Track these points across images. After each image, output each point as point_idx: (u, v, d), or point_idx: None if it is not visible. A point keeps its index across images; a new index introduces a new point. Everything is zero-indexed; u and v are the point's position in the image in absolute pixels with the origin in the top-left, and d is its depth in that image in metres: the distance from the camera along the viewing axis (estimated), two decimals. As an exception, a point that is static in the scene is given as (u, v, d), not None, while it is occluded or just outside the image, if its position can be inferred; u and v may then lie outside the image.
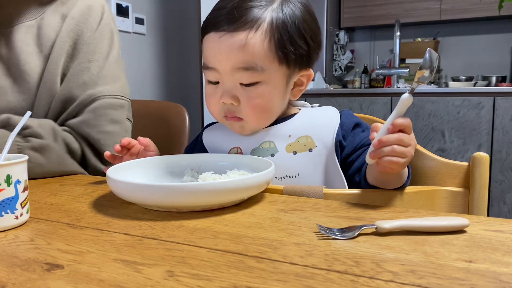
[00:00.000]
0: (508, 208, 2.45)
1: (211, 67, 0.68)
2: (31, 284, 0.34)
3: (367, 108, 2.69)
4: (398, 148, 0.55)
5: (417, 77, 0.55)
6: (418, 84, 0.55)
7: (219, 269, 0.36)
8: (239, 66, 0.66)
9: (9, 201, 0.47)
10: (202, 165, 0.70)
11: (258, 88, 0.67)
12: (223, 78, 0.68)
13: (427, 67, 0.53)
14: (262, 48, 0.65)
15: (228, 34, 0.65)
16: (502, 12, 2.64)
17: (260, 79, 0.67)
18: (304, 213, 0.52)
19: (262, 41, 0.65)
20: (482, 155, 0.69)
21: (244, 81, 0.67)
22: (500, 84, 2.85)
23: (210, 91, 0.71)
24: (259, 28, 0.65)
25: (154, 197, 0.52)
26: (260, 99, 0.68)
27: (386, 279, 0.34)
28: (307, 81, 0.74)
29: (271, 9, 0.66)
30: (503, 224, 0.47)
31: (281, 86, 0.69)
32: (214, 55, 0.68)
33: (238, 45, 0.65)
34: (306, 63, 0.71)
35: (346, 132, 0.71)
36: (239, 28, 0.65)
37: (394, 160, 0.55)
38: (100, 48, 0.86)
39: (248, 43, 0.65)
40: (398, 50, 2.93)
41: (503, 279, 0.34)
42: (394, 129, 0.55)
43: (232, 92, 0.68)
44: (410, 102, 0.55)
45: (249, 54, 0.65)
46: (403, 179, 0.64)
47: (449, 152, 2.52)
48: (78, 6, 0.86)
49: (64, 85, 0.83)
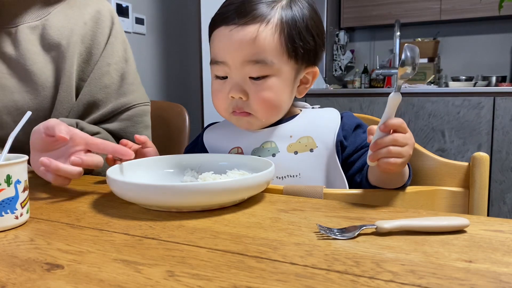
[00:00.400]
0: (508, 208, 2.45)
1: (220, 61, 0.69)
2: (31, 284, 0.34)
3: (367, 108, 2.69)
4: (394, 148, 0.55)
5: (400, 74, 0.55)
6: (402, 81, 0.55)
7: (219, 269, 0.36)
8: (249, 59, 0.66)
9: (9, 201, 0.47)
10: (202, 165, 0.70)
11: (267, 82, 0.68)
12: (232, 72, 0.68)
13: (409, 63, 0.53)
14: (272, 42, 0.66)
15: (238, 27, 0.66)
16: (502, 12, 2.64)
17: (269, 72, 0.67)
18: (304, 213, 0.52)
19: (272, 35, 0.66)
20: (482, 155, 0.69)
21: (254, 74, 0.67)
22: (500, 84, 2.85)
23: (217, 87, 0.71)
24: (269, 22, 0.66)
25: (154, 197, 0.52)
26: (269, 93, 0.68)
27: (386, 279, 0.34)
28: (313, 78, 0.74)
29: (280, 6, 0.68)
30: (503, 224, 0.47)
31: (290, 81, 0.70)
32: (224, 48, 0.68)
33: (249, 38, 0.66)
34: (312, 60, 0.72)
35: (348, 132, 0.72)
36: (250, 21, 0.66)
37: (391, 161, 0.56)
38: (117, 52, 0.88)
39: (259, 36, 0.66)
40: (398, 50, 2.93)
41: (503, 279, 0.34)
42: (385, 129, 0.55)
43: (241, 86, 0.68)
44: (398, 101, 0.56)
45: (259, 47, 0.66)
46: (404, 179, 0.64)
47: (449, 152, 2.52)
48: (88, 11, 0.87)
49: (86, 89, 0.85)
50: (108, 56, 0.87)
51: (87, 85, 0.85)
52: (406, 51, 0.53)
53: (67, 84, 0.83)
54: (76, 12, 0.87)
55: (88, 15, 0.87)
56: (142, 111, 0.90)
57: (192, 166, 0.70)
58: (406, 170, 0.63)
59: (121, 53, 0.89)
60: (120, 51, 0.89)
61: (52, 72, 0.83)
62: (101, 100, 0.86)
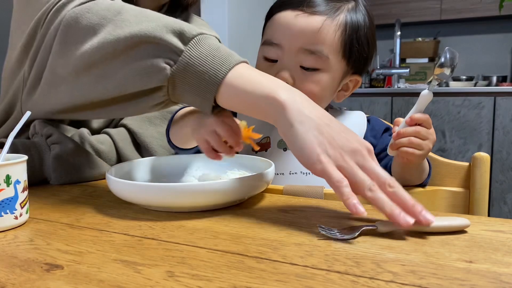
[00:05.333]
0: (508, 208, 2.45)
1: (275, 43, 0.69)
2: (31, 285, 0.34)
3: (367, 108, 2.69)
4: (415, 139, 0.59)
5: (436, 74, 0.56)
6: (438, 81, 0.57)
7: (219, 269, 0.36)
8: (306, 48, 0.67)
9: (9, 201, 0.47)
10: (202, 165, 0.70)
11: (317, 75, 0.68)
12: (285, 56, 0.69)
13: (448, 65, 0.55)
14: (333, 37, 0.67)
15: (305, 14, 0.67)
16: (502, 12, 2.63)
17: (321, 66, 0.68)
18: (304, 213, 0.52)
19: (335, 31, 0.67)
20: (482, 155, 0.69)
21: (307, 64, 0.68)
22: (500, 84, 2.84)
23: (264, 68, 0.71)
24: (335, 19, 0.68)
25: (154, 197, 0.52)
26: (315, 86, 0.69)
27: (387, 279, 0.34)
28: (353, 87, 0.76)
29: (346, 8, 0.69)
30: (504, 224, 0.47)
31: (336, 81, 0.71)
32: (284, 31, 0.68)
33: (312, 27, 0.67)
34: (361, 68, 0.73)
35: (377, 133, 0.75)
36: (318, 12, 0.67)
37: (410, 151, 0.60)
38: None
39: (323, 28, 0.67)
40: (399, 49, 2.93)
41: (504, 279, 0.34)
42: (411, 122, 0.59)
43: (291, 71, 0.68)
44: (430, 99, 0.59)
45: (320, 38, 0.67)
46: (424, 176, 0.67)
47: (450, 152, 2.52)
48: None
49: None
50: None
51: None
52: (447, 54, 0.55)
53: None
54: None
55: None
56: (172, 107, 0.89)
57: (192, 166, 0.70)
58: (426, 167, 0.66)
59: None
60: None
61: None
62: None
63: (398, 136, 0.60)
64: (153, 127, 0.85)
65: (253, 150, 0.72)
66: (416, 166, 0.64)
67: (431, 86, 0.58)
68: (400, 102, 2.62)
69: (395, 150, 0.62)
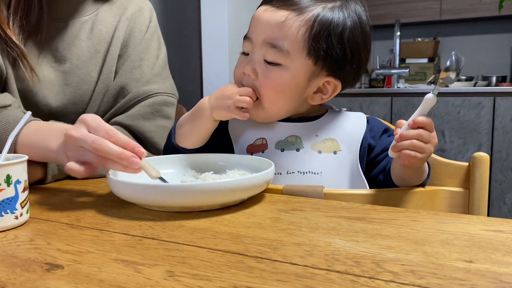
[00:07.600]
0: (508, 208, 2.45)
1: (247, 37, 0.71)
2: (31, 284, 0.34)
3: (367, 108, 2.69)
4: (417, 143, 0.59)
5: (442, 78, 0.56)
6: (443, 85, 0.57)
7: (219, 269, 0.36)
8: (268, 41, 0.67)
9: (9, 201, 0.47)
10: (202, 165, 0.70)
11: (277, 70, 0.68)
12: (254, 50, 0.70)
13: (453, 69, 0.55)
14: (296, 33, 0.66)
15: (273, 8, 0.68)
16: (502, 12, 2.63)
17: (282, 61, 0.67)
18: (304, 213, 0.52)
19: (299, 27, 0.66)
20: (482, 155, 0.69)
21: (269, 58, 0.68)
22: (500, 84, 2.84)
23: (239, 61, 0.73)
24: (303, 14, 0.66)
25: (154, 197, 0.52)
26: (275, 81, 0.68)
27: (386, 279, 0.34)
28: (332, 92, 0.72)
29: (323, 6, 0.67)
30: (503, 224, 0.47)
31: (301, 80, 0.69)
32: (254, 25, 0.70)
33: (276, 21, 0.67)
34: (335, 70, 0.70)
35: (376, 134, 0.74)
36: (285, 6, 0.67)
37: (412, 154, 0.59)
38: (150, 49, 0.91)
39: (286, 22, 0.66)
40: (398, 50, 2.93)
41: (503, 279, 0.34)
42: (414, 125, 0.59)
43: (255, 65, 0.69)
44: (433, 102, 0.59)
45: (282, 33, 0.66)
46: (423, 177, 0.67)
47: (449, 152, 2.52)
48: (131, 7, 0.91)
49: (117, 79, 0.87)
50: (143, 51, 0.89)
51: (119, 76, 0.87)
52: (452, 58, 0.55)
53: (105, 77, 0.86)
54: (120, 9, 0.90)
55: (130, 11, 0.91)
56: (162, 100, 0.89)
57: (192, 166, 0.70)
58: (425, 169, 0.67)
59: (154, 51, 0.91)
60: (153, 48, 0.91)
61: (95, 66, 0.86)
62: (127, 91, 0.88)
63: (400, 138, 0.60)
64: (149, 122, 0.86)
65: (248, 151, 0.72)
66: (416, 168, 0.64)
67: (436, 89, 0.58)
68: (400, 102, 2.62)
69: (396, 152, 0.61)
